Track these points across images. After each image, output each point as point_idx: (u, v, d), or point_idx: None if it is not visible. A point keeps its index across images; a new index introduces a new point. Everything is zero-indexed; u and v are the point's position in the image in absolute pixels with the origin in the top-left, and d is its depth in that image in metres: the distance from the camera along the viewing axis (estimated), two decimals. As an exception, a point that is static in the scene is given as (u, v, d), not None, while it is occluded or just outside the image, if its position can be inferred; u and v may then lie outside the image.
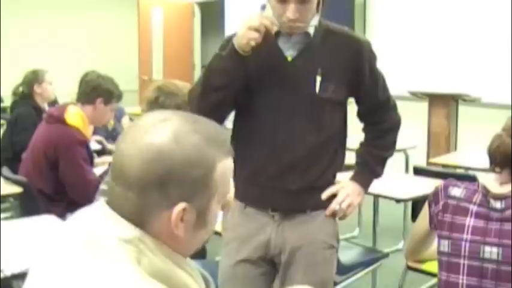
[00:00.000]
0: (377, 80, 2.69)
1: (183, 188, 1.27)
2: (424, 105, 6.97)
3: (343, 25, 2.71)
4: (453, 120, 6.72)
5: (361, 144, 2.80)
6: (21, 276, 2.56)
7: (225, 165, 1.34)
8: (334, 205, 2.61)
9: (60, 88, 6.31)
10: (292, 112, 2.49)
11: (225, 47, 2.46)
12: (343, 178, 2.73)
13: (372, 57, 2.67)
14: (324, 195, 2.60)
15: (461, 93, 6.69)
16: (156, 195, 1.25)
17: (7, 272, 2.53)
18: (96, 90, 4.19)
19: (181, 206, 1.26)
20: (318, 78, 2.48)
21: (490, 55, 7.25)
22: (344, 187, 2.66)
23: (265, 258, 2.59)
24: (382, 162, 2.79)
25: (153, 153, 1.25)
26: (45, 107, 5.64)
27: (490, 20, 7.25)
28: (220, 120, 2.49)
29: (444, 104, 6.73)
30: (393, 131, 2.84)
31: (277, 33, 2.47)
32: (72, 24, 10.71)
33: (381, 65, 2.65)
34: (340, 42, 2.56)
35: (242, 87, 2.46)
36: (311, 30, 2.50)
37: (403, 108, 8.71)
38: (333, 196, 2.62)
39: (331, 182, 2.65)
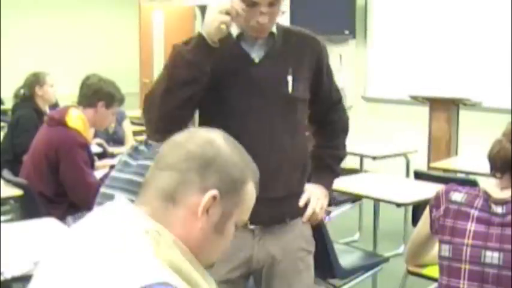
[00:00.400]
0: (332, 80, 2.69)
1: (220, 178, 1.39)
2: (425, 110, 6.97)
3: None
4: (454, 124, 6.71)
5: (317, 146, 2.76)
6: (21, 278, 2.56)
7: (252, 190, 1.48)
8: (310, 211, 2.58)
9: (61, 90, 6.31)
10: (268, 115, 2.45)
11: (187, 43, 2.38)
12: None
13: (328, 57, 2.67)
14: (302, 202, 2.57)
15: (462, 98, 6.69)
16: (196, 176, 1.38)
17: (7, 274, 2.53)
18: (98, 94, 4.19)
19: (213, 192, 1.37)
20: (290, 78, 2.46)
21: (490, 59, 7.26)
22: (313, 192, 2.63)
23: (246, 275, 2.55)
24: (339, 162, 2.79)
25: (205, 140, 1.43)
26: (46, 109, 5.65)
27: (490, 24, 7.26)
28: (185, 121, 2.40)
29: (445, 108, 6.72)
30: (345, 132, 2.81)
31: (239, 36, 2.44)
32: (73, 26, 10.71)
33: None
34: (301, 42, 2.55)
35: (209, 87, 2.36)
36: (274, 31, 2.48)
37: (404, 113, 8.76)
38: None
39: (304, 187, 2.63)
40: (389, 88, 8.33)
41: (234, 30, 2.42)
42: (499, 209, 2.28)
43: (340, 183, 4.84)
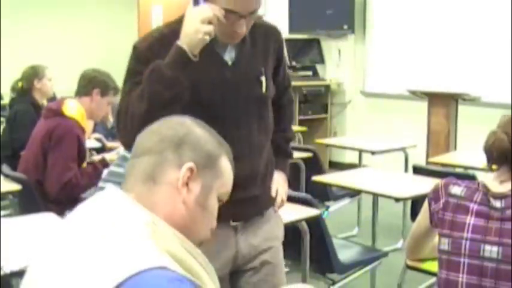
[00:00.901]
0: (285, 65, 2.67)
1: (195, 153, 1.48)
2: (423, 105, 6.97)
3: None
4: (453, 119, 6.72)
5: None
6: (21, 273, 2.56)
7: (228, 165, 1.56)
8: (279, 199, 2.61)
9: (60, 86, 6.30)
10: (245, 118, 2.40)
11: (152, 52, 2.24)
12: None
13: (284, 43, 2.62)
14: (273, 192, 2.58)
15: (461, 93, 6.70)
16: (172, 154, 1.46)
17: (6, 269, 2.53)
18: (92, 82, 4.30)
19: (190, 164, 1.46)
20: (263, 78, 2.42)
21: (489, 54, 7.26)
22: (278, 180, 2.64)
23: (230, 271, 2.52)
24: (290, 144, 2.79)
25: (176, 122, 1.53)
26: (44, 103, 5.65)
27: (489, 19, 7.26)
28: None
29: (444, 103, 6.73)
30: (292, 114, 2.85)
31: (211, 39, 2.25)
32: (72, 22, 10.70)
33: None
34: (263, 34, 2.48)
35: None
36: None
37: (403, 107, 8.78)
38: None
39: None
40: (388, 83, 8.33)
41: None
42: (497, 203, 2.28)
43: (339, 178, 4.85)
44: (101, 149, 5.51)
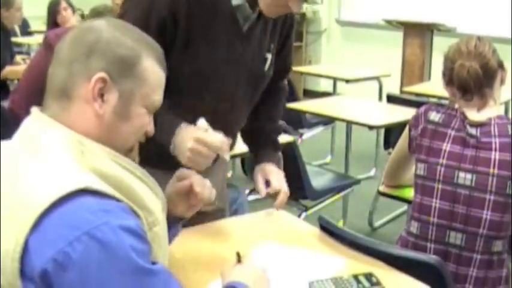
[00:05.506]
0: (292, 45, 2.43)
1: (106, 61, 1.33)
2: (399, 34, 6.96)
3: None
4: (427, 49, 6.72)
5: (258, 118, 2.41)
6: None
7: (154, 67, 1.40)
8: (284, 197, 2.37)
9: (28, 13, 6.17)
10: (240, 97, 2.21)
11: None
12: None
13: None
14: (275, 190, 2.35)
15: (436, 23, 6.68)
16: (80, 65, 1.33)
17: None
18: None
19: (99, 75, 1.32)
20: (269, 56, 2.22)
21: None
22: (276, 177, 2.35)
23: (222, 209, 2.47)
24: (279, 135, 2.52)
25: (84, 28, 1.39)
26: (15, 28, 5.55)
27: None
28: None
29: (419, 33, 6.72)
30: (285, 102, 2.58)
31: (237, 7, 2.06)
32: None
33: None
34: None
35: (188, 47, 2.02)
36: None
37: (378, 37, 8.73)
38: None
39: None
40: (363, 12, 8.28)
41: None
42: (474, 131, 2.30)
43: (314, 106, 4.87)
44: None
